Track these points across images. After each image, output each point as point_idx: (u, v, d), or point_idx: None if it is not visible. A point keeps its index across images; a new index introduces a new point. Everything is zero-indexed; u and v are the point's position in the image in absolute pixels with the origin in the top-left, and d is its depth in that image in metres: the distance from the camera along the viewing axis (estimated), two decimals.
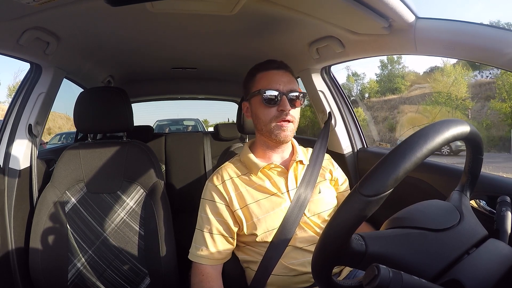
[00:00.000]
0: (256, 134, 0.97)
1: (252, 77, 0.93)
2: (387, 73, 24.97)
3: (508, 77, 15.96)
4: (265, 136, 0.91)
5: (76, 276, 1.07)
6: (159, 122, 8.49)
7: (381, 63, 25.39)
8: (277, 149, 0.94)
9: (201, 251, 0.87)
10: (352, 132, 1.39)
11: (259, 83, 0.90)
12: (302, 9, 0.93)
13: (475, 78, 19.79)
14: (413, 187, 0.99)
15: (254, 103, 0.91)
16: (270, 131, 0.88)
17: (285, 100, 0.86)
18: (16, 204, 1.05)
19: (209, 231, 0.88)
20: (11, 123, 1.11)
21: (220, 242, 0.88)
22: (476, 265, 0.46)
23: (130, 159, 1.17)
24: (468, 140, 0.52)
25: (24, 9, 0.81)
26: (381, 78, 25.21)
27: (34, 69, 1.15)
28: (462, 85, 17.47)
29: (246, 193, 0.89)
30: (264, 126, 0.89)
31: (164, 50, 1.42)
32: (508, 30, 0.69)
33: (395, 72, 24.80)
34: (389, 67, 24.90)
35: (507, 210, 0.58)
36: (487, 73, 19.47)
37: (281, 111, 0.86)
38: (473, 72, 19.36)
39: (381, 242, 0.47)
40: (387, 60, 24.62)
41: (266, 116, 0.88)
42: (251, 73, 0.94)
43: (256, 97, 0.89)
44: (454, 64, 18.77)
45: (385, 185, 0.41)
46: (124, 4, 0.78)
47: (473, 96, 18.46)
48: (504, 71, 14.88)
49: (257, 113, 0.90)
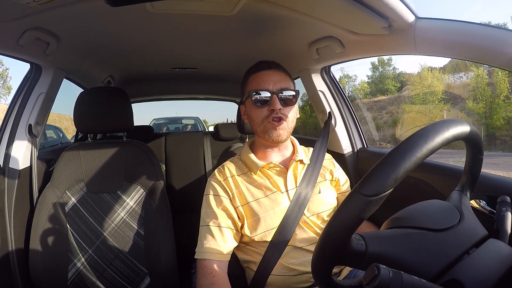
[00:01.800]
0: (255, 136, 0.98)
1: (245, 80, 0.95)
2: (378, 75, 25.85)
3: (481, 80, 17.43)
4: (260, 136, 0.93)
5: (76, 276, 1.07)
6: (155, 121, 7.78)
7: (372, 65, 26.18)
8: (276, 148, 0.94)
9: (209, 245, 0.84)
10: (352, 132, 1.40)
11: (250, 85, 0.92)
12: (302, 9, 0.93)
13: (461, 79, 21.30)
14: (413, 187, 0.99)
15: (247, 105, 0.93)
16: (263, 131, 0.89)
17: (275, 99, 0.87)
18: (16, 204, 1.05)
19: (217, 224, 0.86)
20: (11, 123, 1.11)
21: (229, 236, 0.86)
22: (476, 265, 0.46)
23: (130, 159, 1.17)
24: (468, 140, 0.52)
25: (24, 9, 0.81)
26: (372, 80, 26.04)
27: (34, 69, 1.16)
28: (438, 88, 19.23)
29: (246, 191, 0.89)
30: (258, 127, 0.90)
31: (164, 50, 1.42)
32: (508, 30, 0.69)
33: (385, 73, 25.58)
34: (380, 69, 25.73)
35: (507, 210, 0.58)
36: (460, 75, 21.18)
37: (272, 110, 0.87)
38: (454, 74, 21.34)
39: (381, 242, 0.47)
40: (378, 62, 25.42)
41: (258, 116, 0.89)
42: (244, 76, 0.96)
43: (248, 99, 0.91)
44: (430, 67, 20.59)
45: (385, 185, 0.41)
46: (124, 4, 0.78)
47: (454, 97, 19.85)
48: (478, 75, 17.38)
49: (250, 114, 0.92)
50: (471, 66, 18.52)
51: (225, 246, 0.85)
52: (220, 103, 2.87)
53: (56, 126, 7.85)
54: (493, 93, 16.80)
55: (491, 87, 16.99)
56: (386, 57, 23.08)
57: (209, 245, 0.85)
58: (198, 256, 0.86)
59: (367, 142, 1.42)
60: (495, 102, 16.51)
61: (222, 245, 0.85)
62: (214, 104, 17.74)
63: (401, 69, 29.56)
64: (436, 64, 35.94)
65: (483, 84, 17.36)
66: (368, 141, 1.43)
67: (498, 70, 16.80)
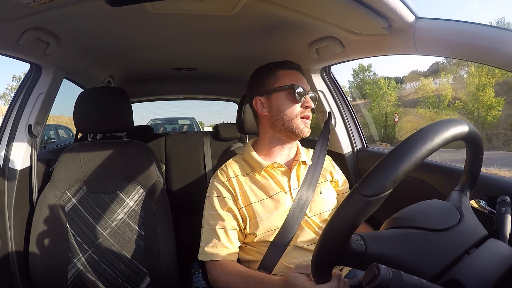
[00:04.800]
0: (267, 132, 0.95)
1: (272, 73, 0.94)
2: (359, 80, 27.82)
3: (426, 87, 21.58)
4: (282, 132, 0.92)
5: (76, 276, 1.07)
6: (153, 121, 8.09)
7: (353, 71, 28.11)
8: (285, 146, 0.95)
9: (215, 248, 0.85)
10: (352, 132, 1.40)
11: (284, 80, 0.91)
12: (302, 9, 0.93)
13: (413, 87, 25.13)
14: (413, 187, 0.99)
15: (277, 98, 0.91)
16: (293, 126, 0.90)
17: (308, 98, 0.91)
18: (16, 204, 1.05)
19: (222, 227, 0.86)
20: (11, 123, 1.11)
21: (234, 238, 0.87)
22: (476, 265, 0.46)
23: (130, 159, 1.17)
24: (467, 140, 0.52)
25: (24, 10, 0.81)
26: (351, 85, 28.40)
27: (34, 69, 1.15)
28: (392, 96, 23.09)
29: (250, 192, 0.89)
30: (287, 121, 0.90)
31: (164, 51, 1.42)
32: (508, 30, 0.69)
33: (366, 79, 27.41)
34: (361, 75, 27.52)
35: (507, 210, 0.58)
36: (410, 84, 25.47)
37: (306, 107, 0.90)
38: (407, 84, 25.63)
39: (381, 242, 0.47)
40: (358, 69, 27.42)
41: (292, 111, 0.90)
42: (269, 69, 0.95)
43: (281, 92, 0.91)
44: (385, 77, 24.61)
45: (385, 185, 0.41)
46: (124, 4, 0.78)
47: (407, 103, 23.82)
48: (423, 84, 21.56)
49: (282, 108, 0.90)
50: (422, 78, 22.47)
51: (232, 247, 0.86)
52: (216, 105, 2.89)
53: (67, 127, 8.10)
54: (438, 100, 20.72)
55: (437, 94, 21.08)
56: (366, 64, 26.28)
57: (216, 248, 0.85)
58: (203, 258, 0.87)
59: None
60: (440, 107, 19.92)
61: (230, 246, 0.86)
62: (209, 106, 17.41)
63: (394, 73, 32.15)
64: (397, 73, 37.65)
65: (429, 91, 21.39)
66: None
67: (443, 79, 21.14)
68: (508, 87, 19.55)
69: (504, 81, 19.53)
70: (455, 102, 20.26)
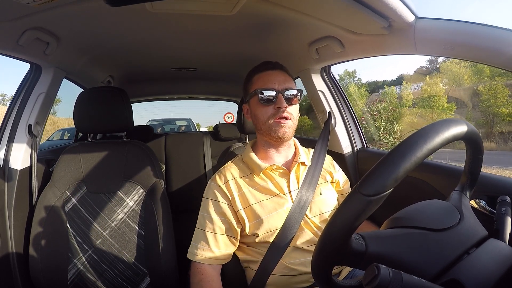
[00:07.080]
0: (257, 135, 0.98)
1: (249, 79, 0.96)
2: (343, 85, 29.01)
3: (390, 92, 22.56)
4: (265, 135, 0.92)
5: (76, 276, 1.07)
6: (151, 122, 8.32)
7: (339, 76, 29.86)
8: (280, 148, 0.94)
9: (202, 250, 0.87)
10: (352, 132, 1.39)
11: (256, 84, 0.92)
12: (302, 9, 0.93)
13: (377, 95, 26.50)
14: (413, 187, 0.99)
15: (252, 103, 0.94)
16: (268, 129, 0.90)
17: (281, 98, 0.88)
18: (16, 204, 1.05)
19: (212, 230, 0.88)
20: (11, 123, 1.11)
21: (223, 243, 0.88)
22: (476, 265, 0.46)
23: (130, 159, 1.17)
24: (467, 140, 0.52)
25: (24, 9, 0.81)
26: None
27: (34, 69, 1.15)
28: (361, 102, 24.57)
29: (249, 194, 0.89)
30: (263, 125, 0.91)
31: (164, 50, 1.42)
32: (508, 30, 0.69)
33: (351, 83, 28.48)
34: (346, 81, 28.42)
35: (507, 210, 0.58)
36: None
37: (278, 108, 0.88)
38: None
39: (381, 242, 0.47)
40: (343, 74, 28.48)
41: (263, 114, 0.90)
42: (248, 75, 0.97)
43: (254, 97, 0.92)
44: (357, 84, 25.54)
45: (385, 184, 0.41)
46: (123, 4, 0.78)
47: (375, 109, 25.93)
48: (385, 92, 22.66)
49: (255, 113, 0.92)
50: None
51: (219, 252, 0.87)
52: (212, 106, 2.89)
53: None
54: (400, 104, 21.99)
55: (399, 100, 22.11)
56: (350, 69, 27.24)
57: (202, 250, 0.87)
58: (190, 256, 0.89)
59: None
60: (402, 111, 21.77)
61: (216, 251, 0.87)
62: (206, 108, 17.46)
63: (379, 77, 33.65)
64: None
65: (392, 97, 21.87)
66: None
67: (404, 86, 22.88)
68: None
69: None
70: (415, 106, 22.31)
